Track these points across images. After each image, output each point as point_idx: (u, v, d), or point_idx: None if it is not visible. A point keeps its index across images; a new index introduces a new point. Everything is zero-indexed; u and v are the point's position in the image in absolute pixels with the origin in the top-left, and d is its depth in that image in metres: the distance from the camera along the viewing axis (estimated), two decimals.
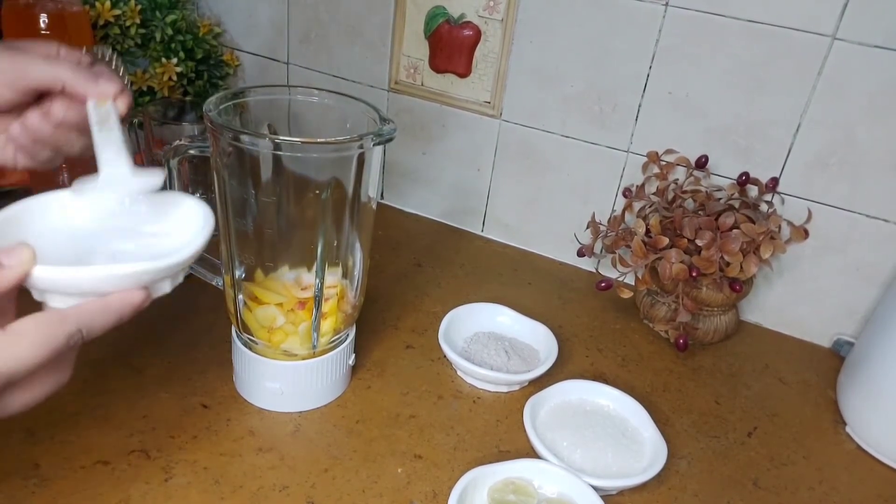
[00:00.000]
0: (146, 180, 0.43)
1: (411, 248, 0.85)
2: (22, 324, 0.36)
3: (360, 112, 0.55)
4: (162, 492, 0.48)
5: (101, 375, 0.58)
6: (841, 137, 0.67)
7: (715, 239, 0.66)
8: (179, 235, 0.43)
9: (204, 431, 0.54)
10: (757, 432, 0.62)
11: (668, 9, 0.70)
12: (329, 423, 0.57)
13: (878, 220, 0.69)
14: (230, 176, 0.50)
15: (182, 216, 0.45)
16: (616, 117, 0.76)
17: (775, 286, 0.76)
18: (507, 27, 0.77)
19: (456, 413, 0.59)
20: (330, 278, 0.54)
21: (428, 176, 0.90)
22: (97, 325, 0.38)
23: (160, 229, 0.44)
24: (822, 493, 0.57)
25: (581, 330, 0.73)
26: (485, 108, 0.83)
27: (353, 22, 0.86)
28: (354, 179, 0.51)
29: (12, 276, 0.35)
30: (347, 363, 0.59)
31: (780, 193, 0.72)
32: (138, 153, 0.79)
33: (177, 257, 0.40)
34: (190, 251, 0.41)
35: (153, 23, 0.88)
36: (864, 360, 0.63)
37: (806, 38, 0.65)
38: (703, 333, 0.71)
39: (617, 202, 0.80)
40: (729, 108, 0.71)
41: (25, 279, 0.36)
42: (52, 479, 0.48)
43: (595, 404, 0.60)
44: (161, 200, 0.45)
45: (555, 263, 0.86)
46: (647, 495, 0.54)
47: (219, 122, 0.49)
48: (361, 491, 0.51)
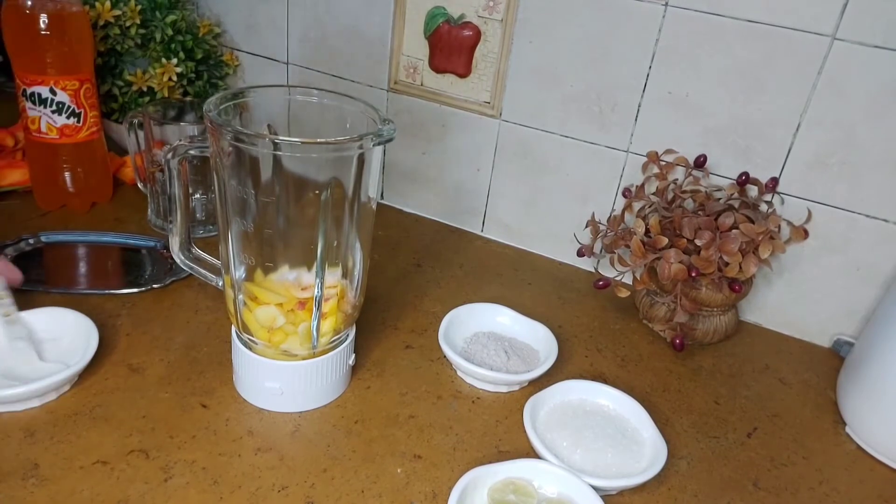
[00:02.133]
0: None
1: (411, 248, 0.85)
2: None
3: (360, 112, 0.55)
4: (161, 492, 0.48)
5: (101, 375, 0.58)
6: (841, 137, 0.67)
7: (714, 239, 0.66)
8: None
9: (203, 431, 0.54)
10: (757, 433, 0.62)
11: (668, 9, 0.70)
12: (328, 423, 0.57)
13: (878, 220, 0.69)
14: (230, 176, 0.50)
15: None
16: (616, 117, 0.76)
17: (775, 286, 0.76)
18: (507, 27, 0.77)
19: (455, 413, 0.59)
20: (330, 278, 0.54)
21: (428, 176, 0.90)
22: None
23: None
24: (823, 494, 0.56)
25: (580, 330, 0.73)
26: (484, 108, 0.83)
27: (353, 22, 0.86)
28: (354, 179, 0.51)
29: None
30: (347, 363, 0.59)
31: (780, 193, 0.72)
32: (138, 153, 0.79)
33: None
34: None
35: (153, 23, 0.88)
36: (864, 360, 0.63)
37: (806, 38, 0.65)
38: (702, 334, 0.71)
39: (616, 202, 0.80)
40: (728, 108, 0.71)
41: None
42: (51, 478, 0.48)
43: (595, 404, 0.60)
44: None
45: (554, 263, 0.86)
46: (647, 496, 0.54)
47: (219, 122, 0.49)
48: (361, 491, 0.51)
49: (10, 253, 0.70)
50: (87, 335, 0.58)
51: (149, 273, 0.72)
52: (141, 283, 0.69)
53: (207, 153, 0.52)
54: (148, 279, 0.70)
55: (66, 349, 0.58)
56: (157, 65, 0.88)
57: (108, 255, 0.76)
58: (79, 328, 0.59)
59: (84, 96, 0.76)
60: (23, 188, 0.82)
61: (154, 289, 0.69)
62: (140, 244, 0.76)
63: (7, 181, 0.81)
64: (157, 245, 0.76)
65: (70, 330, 0.59)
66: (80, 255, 0.74)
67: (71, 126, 0.76)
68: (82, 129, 0.77)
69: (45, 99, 0.74)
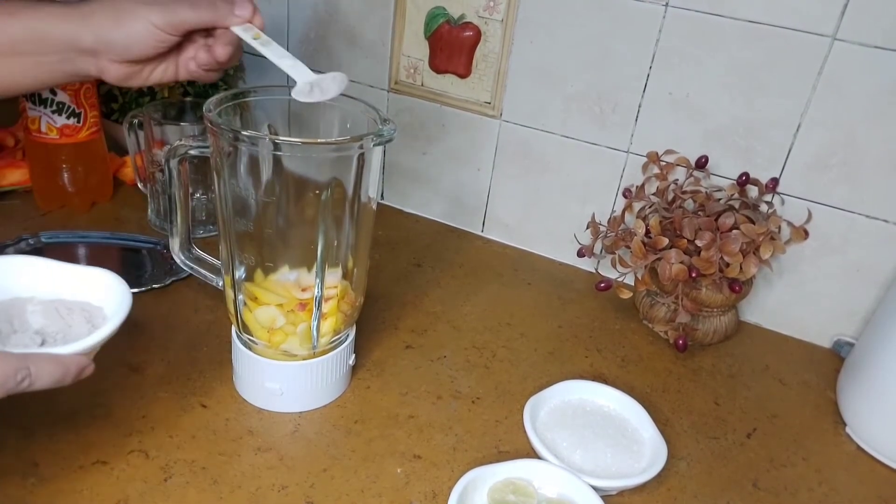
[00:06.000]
0: (327, 77, 0.53)
1: (411, 248, 0.85)
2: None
3: (360, 112, 0.55)
4: (160, 491, 0.48)
5: (100, 375, 0.57)
6: (841, 138, 0.67)
7: (715, 239, 0.66)
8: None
9: (203, 431, 0.54)
10: (757, 433, 0.62)
11: (668, 9, 0.70)
12: (328, 423, 0.57)
13: (878, 220, 0.69)
14: (230, 176, 0.50)
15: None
16: (616, 118, 0.76)
17: (775, 287, 0.76)
18: (507, 27, 0.77)
19: (455, 413, 0.59)
20: (330, 278, 0.54)
21: (428, 176, 0.90)
22: (45, 376, 0.40)
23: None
24: (822, 494, 0.56)
25: (580, 330, 0.73)
26: (485, 108, 0.83)
27: (353, 22, 0.86)
28: (354, 179, 0.50)
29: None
30: (347, 363, 0.59)
31: (780, 194, 0.72)
32: (138, 153, 0.79)
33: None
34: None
35: None
36: (864, 360, 0.63)
37: (806, 39, 0.65)
38: (702, 334, 0.71)
39: (617, 202, 0.80)
40: (729, 109, 0.71)
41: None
42: (51, 478, 0.48)
43: (595, 405, 0.60)
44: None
45: (555, 264, 0.86)
46: (647, 496, 0.54)
47: (219, 122, 0.49)
48: (360, 491, 0.51)
49: (10, 253, 0.70)
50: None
51: (149, 273, 0.72)
52: (141, 282, 0.69)
53: (207, 153, 0.52)
54: (148, 279, 0.70)
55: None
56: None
57: (108, 255, 0.76)
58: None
59: (84, 96, 0.76)
60: (23, 188, 0.81)
61: (154, 289, 0.69)
62: (140, 244, 0.76)
63: (7, 181, 0.81)
64: (157, 245, 0.76)
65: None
66: (80, 255, 0.74)
67: (71, 126, 0.76)
68: (82, 129, 0.77)
69: (45, 99, 0.74)
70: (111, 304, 0.49)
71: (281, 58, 0.53)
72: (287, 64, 0.53)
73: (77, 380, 0.42)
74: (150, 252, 0.75)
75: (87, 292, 0.50)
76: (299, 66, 0.53)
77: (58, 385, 0.41)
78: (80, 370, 0.42)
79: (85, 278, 0.50)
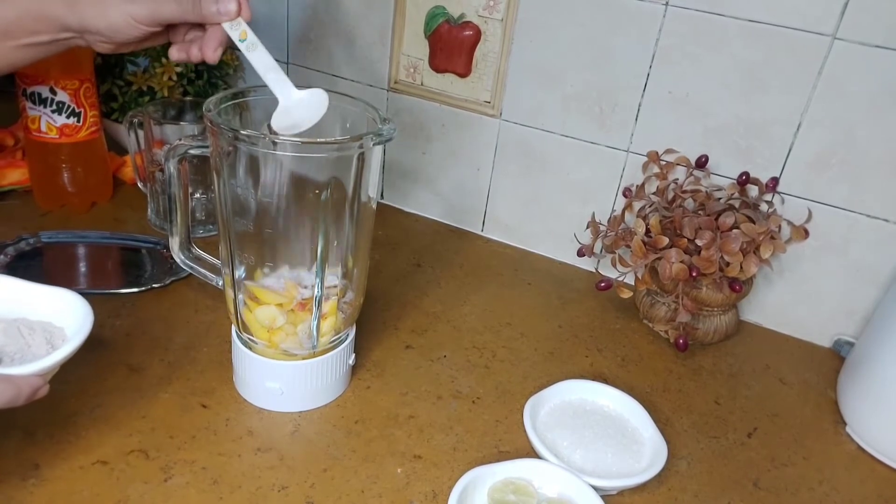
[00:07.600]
0: (305, 98, 0.52)
1: (411, 248, 0.85)
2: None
3: (360, 112, 0.55)
4: (161, 492, 0.48)
5: (100, 375, 0.58)
6: (841, 137, 0.67)
7: (715, 239, 0.66)
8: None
9: (203, 431, 0.54)
10: (757, 433, 0.62)
11: (668, 8, 0.70)
12: (328, 423, 0.57)
13: (879, 220, 0.69)
14: (230, 175, 0.50)
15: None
16: (616, 117, 0.76)
17: (775, 286, 0.76)
18: (507, 27, 0.77)
19: (455, 413, 0.59)
20: (330, 278, 0.54)
21: (428, 176, 0.90)
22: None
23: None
24: (823, 494, 0.56)
25: (581, 330, 0.73)
26: (485, 107, 0.83)
27: (353, 22, 0.86)
28: (354, 179, 0.50)
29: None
30: (347, 363, 0.59)
31: (781, 193, 0.72)
32: (138, 153, 0.79)
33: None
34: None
35: None
36: (865, 360, 0.63)
37: (806, 38, 0.65)
38: (703, 334, 0.71)
39: (617, 202, 0.80)
40: (729, 108, 0.71)
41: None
42: (51, 478, 0.48)
43: (595, 404, 0.60)
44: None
45: (555, 263, 0.86)
46: (647, 495, 0.54)
47: (219, 122, 0.49)
48: (360, 491, 0.51)
49: (10, 253, 0.70)
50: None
51: (149, 273, 0.72)
52: (141, 282, 0.69)
53: (207, 153, 0.52)
54: (148, 279, 0.70)
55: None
56: (157, 64, 0.87)
57: (108, 255, 0.76)
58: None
59: (84, 96, 0.76)
60: (23, 188, 0.81)
61: (154, 289, 0.69)
62: (140, 244, 0.76)
63: (7, 181, 0.81)
64: (157, 245, 0.76)
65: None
66: (80, 254, 0.74)
67: (71, 126, 0.76)
68: (82, 128, 0.77)
69: (45, 98, 0.74)
70: (73, 324, 0.50)
71: (266, 70, 0.52)
72: (271, 78, 0.51)
73: (30, 401, 0.42)
74: (149, 252, 0.75)
75: (50, 312, 0.51)
76: (283, 82, 0.51)
77: (10, 406, 0.41)
78: (33, 391, 0.42)
79: (49, 298, 0.51)
